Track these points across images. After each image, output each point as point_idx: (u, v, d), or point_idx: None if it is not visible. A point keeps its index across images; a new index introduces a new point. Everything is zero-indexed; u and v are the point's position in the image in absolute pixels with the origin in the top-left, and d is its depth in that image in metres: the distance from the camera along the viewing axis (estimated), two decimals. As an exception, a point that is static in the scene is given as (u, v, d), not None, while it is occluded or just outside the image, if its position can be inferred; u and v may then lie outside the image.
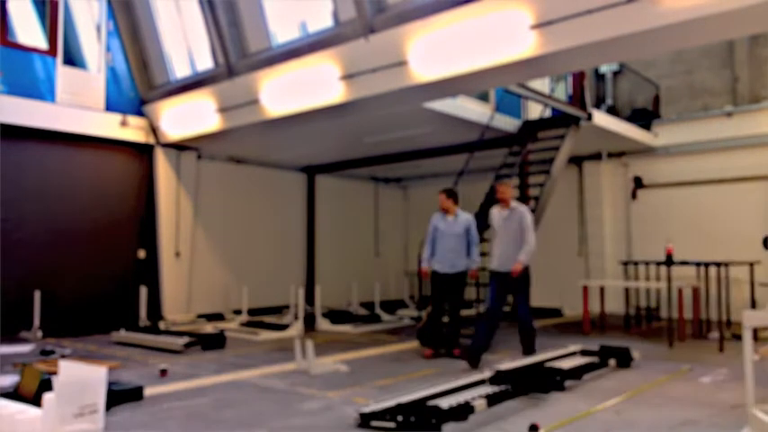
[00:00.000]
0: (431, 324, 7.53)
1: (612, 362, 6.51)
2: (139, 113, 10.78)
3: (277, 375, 6.31)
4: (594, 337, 8.60)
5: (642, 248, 11.37)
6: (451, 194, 7.48)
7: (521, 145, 9.98)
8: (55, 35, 9.84)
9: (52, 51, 9.80)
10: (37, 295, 8.97)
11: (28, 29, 9.78)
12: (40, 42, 9.78)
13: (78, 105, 9.95)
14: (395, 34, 7.24)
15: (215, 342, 8.16)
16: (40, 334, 8.82)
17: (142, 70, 10.96)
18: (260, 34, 9.27)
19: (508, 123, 10.22)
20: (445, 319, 7.54)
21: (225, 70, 9.42)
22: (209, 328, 9.97)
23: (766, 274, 9.34)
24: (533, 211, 9.03)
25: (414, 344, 8.32)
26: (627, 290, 10.41)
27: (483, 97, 9.95)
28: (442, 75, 7.01)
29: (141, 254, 10.81)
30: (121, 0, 10.70)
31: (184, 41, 10.60)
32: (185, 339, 7.94)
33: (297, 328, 9.45)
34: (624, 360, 6.57)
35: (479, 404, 4.51)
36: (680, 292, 8.73)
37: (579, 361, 6.29)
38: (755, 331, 4.04)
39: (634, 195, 11.77)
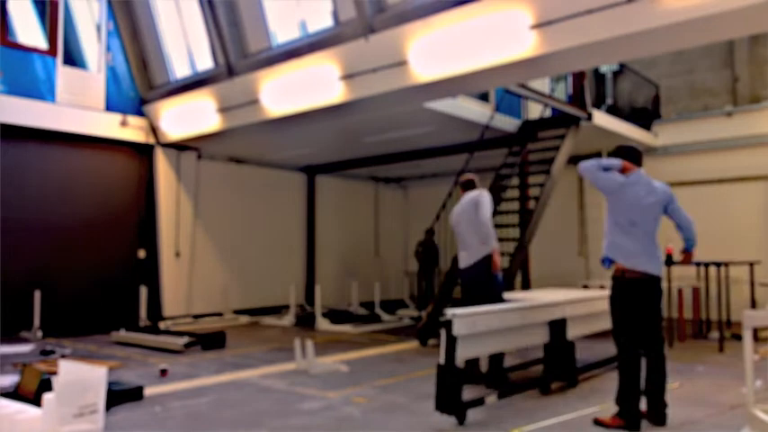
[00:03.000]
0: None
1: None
2: (139, 113, 10.78)
3: (277, 375, 6.31)
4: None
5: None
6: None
7: (521, 145, 9.98)
8: (55, 35, 9.84)
9: (52, 51, 9.80)
10: (37, 295, 8.97)
11: (28, 29, 9.78)
12: (40, 42, 9.78)
13: (78, 105, 9.95)
14: (395, 34, 7.23)
15: (215, 342, 8.16)
16: (40, 334, 8.83)
17: (142, 70, 10.97)
18: (260, 34, 9.27)
19: (508, 123, 10.22)
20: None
21: (225, 70, 9.42)
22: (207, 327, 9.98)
23: (766, 274, 9.33)
24: (532, 211, 9.05)
25: (414, 344, 8.33)
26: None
27: (483, 97, 9.95)
28: (442, 75, 7.01)
29: (141, 254, 10.82)
30: (121, 0, 10.70)
31: (184, 41, 10.60)
32: (185, 339, 7.94)
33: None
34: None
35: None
36: (680, 292, 8.74)
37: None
38: (755, 331, 4.03)
39: (634, 195, 11.75)
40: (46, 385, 4.38)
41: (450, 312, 4.36)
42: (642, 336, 4.37)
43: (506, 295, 6.08)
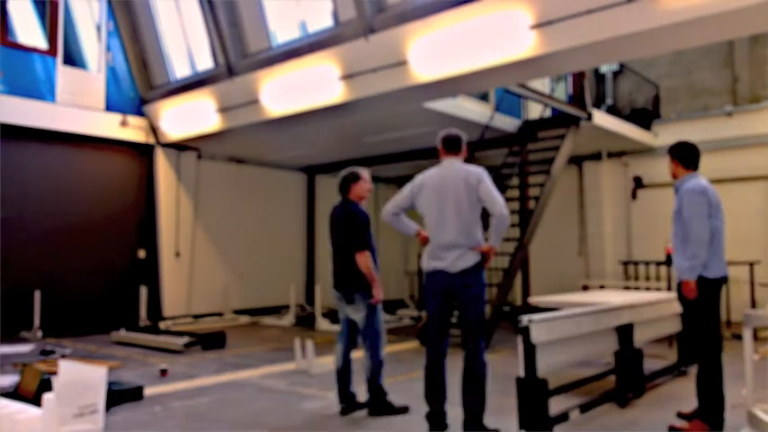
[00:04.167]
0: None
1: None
2: (139, 113, 10.78)
3: (277, 375, 6.31)
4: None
5: (642, 248, 11.36)
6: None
7: (521, 145, 9.98)
8: (55, 35, 9.84)
9: (52, 51, 9.80)
10: (37, 295, 8.97)
11: (28, 29, 9.78)
12: (40, 42, 9.78)
13: (78, 105, 9.95)
14: (395, 34, 7.24)
15: (215, 342, 8.16)
16: (40, 334, 8.82)
17: (142, 70, 10.97)
18: (260, 34, 9.27)
19: (508, 123, 10.22)
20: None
21: (225, 70, 9.42)
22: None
23: (766, 274, 9.33)
24: (532, 211, 9.05)
25: (414, 344, 8.33)
26: (627, 289, 10.40)
27: (483, 97, 9.95)
28: (442, 75, 7.01)
29: (141, 254, 10.82)
30: (121, 0, 10.70)
31: (184, 41, 10.60)
32: (185, 339, 7.94)
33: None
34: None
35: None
36: (680, 292, 8.72)
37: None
38: (755, 331, 4.03)
39: (634, 195, 11.77)
40: (46, 385, 4.38)
41: (526, 318, 3.98)
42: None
43: (567, 298, 5.87)
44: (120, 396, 5.06)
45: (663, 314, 5.87)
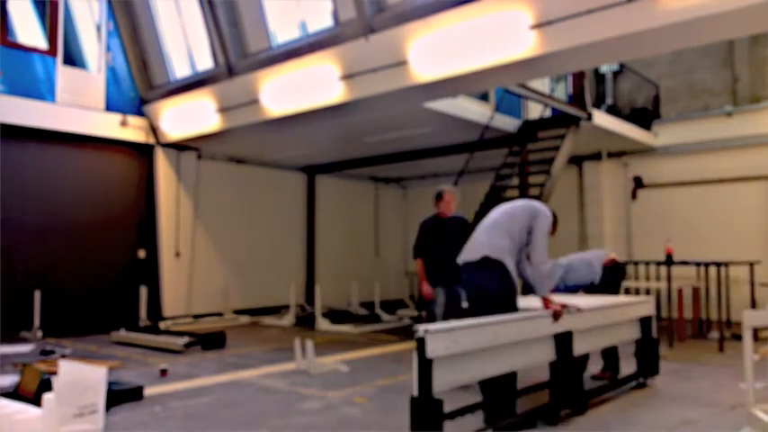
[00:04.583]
0: None
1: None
2: (139, 113, 10.78)
3: (277, 375, 6.31)
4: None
5: (642, 248, 11.36)
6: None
7: (521, 145, 9.98)
8: (55, 35, 9.84)
9: (52, 51, 9.80)
10: (37, 295, 8.96)
11: (28, 29, 9.78)
12: (40, 42, 9.77)
13: (78, 105, 9.94)
14: (395, 34, 7.24)
15: (215, 342, 8.16)
16: (40, 334, 8.82)
17: (142, 70, 10.96)
18: (260, 34, 9.28)
19: (508, 123, 10.22)
20: None
21: (225, 70, 9.42)
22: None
23: (766, 274, 9.33)
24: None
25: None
26: (627, 290, 10.40)
27: (483, 97, 9.95)
28: (442, 75, 7.01)
29: (141, 254, 10.82)
30: (121, 0, 10.70)
31: (184, 41, 10.60)
32: (185, 339, 7.94)
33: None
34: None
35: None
36: (680, 292, 8.73)
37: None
38: (755, 331, 4.03)
39: (634, 195, 11.77)
40: (46, 385, 4.38)
41: (421, 328, 3.41)
42: None
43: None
44: (120, 396, 5.05)
45: (614, 321, 5.13)
